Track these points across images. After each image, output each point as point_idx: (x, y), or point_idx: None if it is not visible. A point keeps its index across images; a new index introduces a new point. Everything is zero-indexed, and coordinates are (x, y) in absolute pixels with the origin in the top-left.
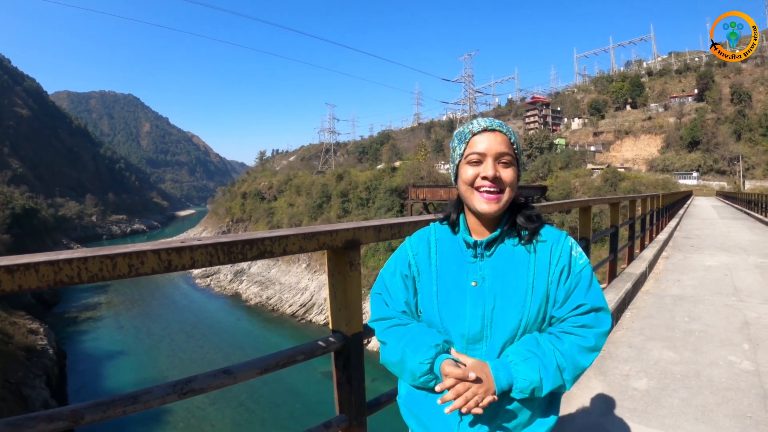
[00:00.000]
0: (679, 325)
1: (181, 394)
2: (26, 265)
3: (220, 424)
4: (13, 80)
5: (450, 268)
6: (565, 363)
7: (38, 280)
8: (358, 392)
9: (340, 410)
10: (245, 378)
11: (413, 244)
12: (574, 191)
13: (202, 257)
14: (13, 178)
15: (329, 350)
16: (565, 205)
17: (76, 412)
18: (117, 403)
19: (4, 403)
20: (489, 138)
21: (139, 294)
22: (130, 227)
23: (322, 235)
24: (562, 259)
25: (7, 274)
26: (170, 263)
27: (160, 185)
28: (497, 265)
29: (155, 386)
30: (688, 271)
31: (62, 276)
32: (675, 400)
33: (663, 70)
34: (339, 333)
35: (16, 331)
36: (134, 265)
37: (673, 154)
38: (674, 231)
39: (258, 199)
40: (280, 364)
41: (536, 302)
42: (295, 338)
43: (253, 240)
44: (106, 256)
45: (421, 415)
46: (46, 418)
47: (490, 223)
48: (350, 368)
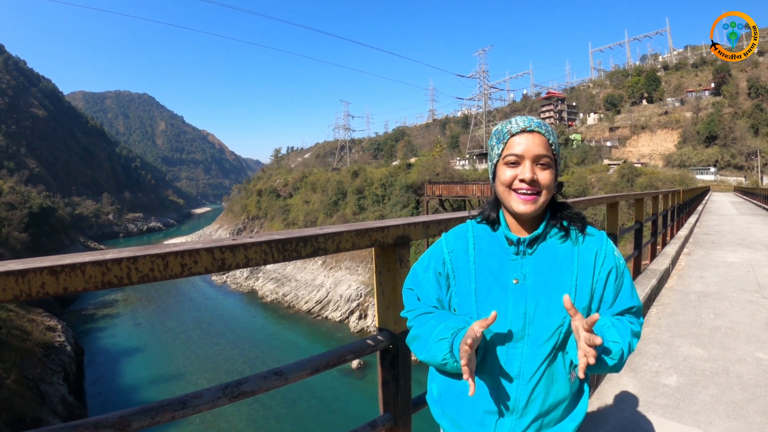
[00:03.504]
0: (705, 322)
1: (232, 397)
2: (72, 266)
3: (235, 420)
4: (29, 81)
5: (490, 266)
6: (631, 340)
7: (84, 281)
8: (404, 391)
9: (384, 409)
10: (296, 379)
11: (449, 241)
12: (590, 187)
13: (257, 255)
14: (30, 177)
15: (377, 349)
16: (594, 201)
17: (122, 419)
18: (166, 409)
19: (22, 399)
20: (527, 139)
21: (155, 291)
22: (146, 225)
23: (373, 231)
24: (608, 261)
25: (51, 276)
26: (224, 262)
27: (176, 183)
28: (539, 263)
29: (204, 390)
30: (710, 267)
31: (110, 277)
32: (705, 396)
33: (679, 64)
34: (386, 331)
35: (34, 328)
36: (187, 264)
37: (690, 149)
38: (694, 227)
39: (273, 196)
40: (330, 364)
41: (582, 301)
42: (310, 335)
43: (307, 237)
44: (157, 255)
45: (455, 416)
46: (91, 426)
47: (528, 222)
48: (397, 367)
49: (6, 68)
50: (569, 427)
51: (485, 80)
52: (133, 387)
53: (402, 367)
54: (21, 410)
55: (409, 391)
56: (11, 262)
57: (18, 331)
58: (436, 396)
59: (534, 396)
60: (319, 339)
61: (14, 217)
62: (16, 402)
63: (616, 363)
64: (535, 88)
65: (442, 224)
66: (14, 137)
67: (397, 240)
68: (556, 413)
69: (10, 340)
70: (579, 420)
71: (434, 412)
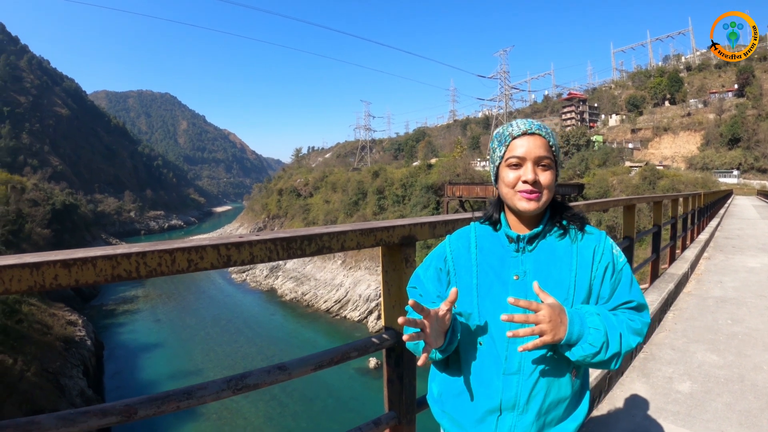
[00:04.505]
0: (722, 328)
1: (236, 389)
2: (83, 260)
3: (252, 417)
4: (52, 81)
5: (491, 263)
6: (623, 333)
7: (95, 274)
8: (409, 390)
9: (389, 407)
10: (300, 374)
11: (452, 242)
12: (611, 189)
13: (261, 252)
14: (53, 175)
15: (382, 347)
16: (609, 203)
17: (129, 407)
18: (171, 399)
19: (41, 391)
20: (529, 142)
21: (175, 288)
22: (167, 223)
23: (379, 231)
24: (605, 257)
25: (64, 269)
26: (229, 258)
27: (197, 182)
28: (539, 260)
29: (209, 381)
30: (730, 272)
31: (120, 271)
32: (719, 404)
33: (702, 65)
34: (392, 330)
35: (55, 322)
36: (193, 260)
37: (713, 152)
38: (715, 231)
39: (294, 195)
40: (335, 361)
41: (579, 296)
42: (329, 334)
43: (312, 236)
44: (164, 250)
45: (456, 414)
46: (99, 413)
47: (529, 222)
48: (402, 366)
49: (30, 68)
50: (570, 427)
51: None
52: (151, 381)
53: (407, 366)
54: (40, 402)
55: (413, 390)
56: (28, 255)
57: (39, 325)
58: (437, 395)
59: (535, 392)
60: (338, 338)
61: (37, 213)
62: (36, 394)
63: (596, 352)
64: (557, 89)
65: (449, 225)
66: (38, 135)
67: (403, 240)
68: (558, 412)
69: (32, 333)
70: (580, 420)
71: (434, 411)
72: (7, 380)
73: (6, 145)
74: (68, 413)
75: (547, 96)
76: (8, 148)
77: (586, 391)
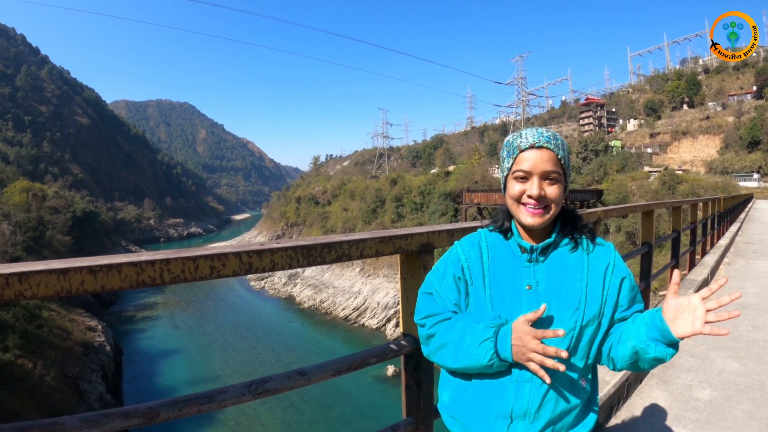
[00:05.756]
0: (742, 335)
1: (256, 394)
2: (108, 266)
3: (270, 423)
4: (73, 91)
5: (503, 273)
6: None
7: (120, 280)
8: (427, 396)
9: (407, 413)
10: (319, 380)
11: (464, 249)
12: (630, 195)
13: (282, 260)
14: (74, 182)
15: (400, 353)
16: (628, 209)
17: (152, 409)
18: (192, 402)
19: (61, 395)
20: (536, 156)
21: (194, 295)
22: (186, 230)
23: (397, 238)
24: (618, 269)
25: (90, 275)
26: (251, 265)
27: (216, 190)
28: (551, 270)
29: (230, 386)
30: (751, 278)
31: (144, 277)
32: (738, 411)
33: (720, 67)
34: (410, 336)
35: (75, 327)
36: (216, 267)
37: (733, 155)
38: (735, 236)
39: (312, 203)
40: (353, 366)
41: (592, 306)
42: (347, 342)
43: (332, 243)
44: (188, 258)
45: (467, 421)
46: (121, 415)
47: (538, 232)
48: (420, 372)
49: (51, 78)
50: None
51: (523, 87)
52: (170, 387)
53: (425, 372)
54: (59, 406)
55: (431, 397)
56: (55, 261)
57: (59, 330)
58: (447, 402)
59: (546, 400)
60: (356, 346)
61: (58, 220)
62: (55, 398)
63: None
64: (574, 94)
65: (467, 232)
66: (59, 144)
67: (421, 247)
68: (568, 420)
69: (52, 338)
70: (589, 428)
71: (445, 418)
72: (26, 384)
73: (27, 153)
74: (91, 415)
75: (565, 101)
76: (30, 157)
77: (596, 398)
